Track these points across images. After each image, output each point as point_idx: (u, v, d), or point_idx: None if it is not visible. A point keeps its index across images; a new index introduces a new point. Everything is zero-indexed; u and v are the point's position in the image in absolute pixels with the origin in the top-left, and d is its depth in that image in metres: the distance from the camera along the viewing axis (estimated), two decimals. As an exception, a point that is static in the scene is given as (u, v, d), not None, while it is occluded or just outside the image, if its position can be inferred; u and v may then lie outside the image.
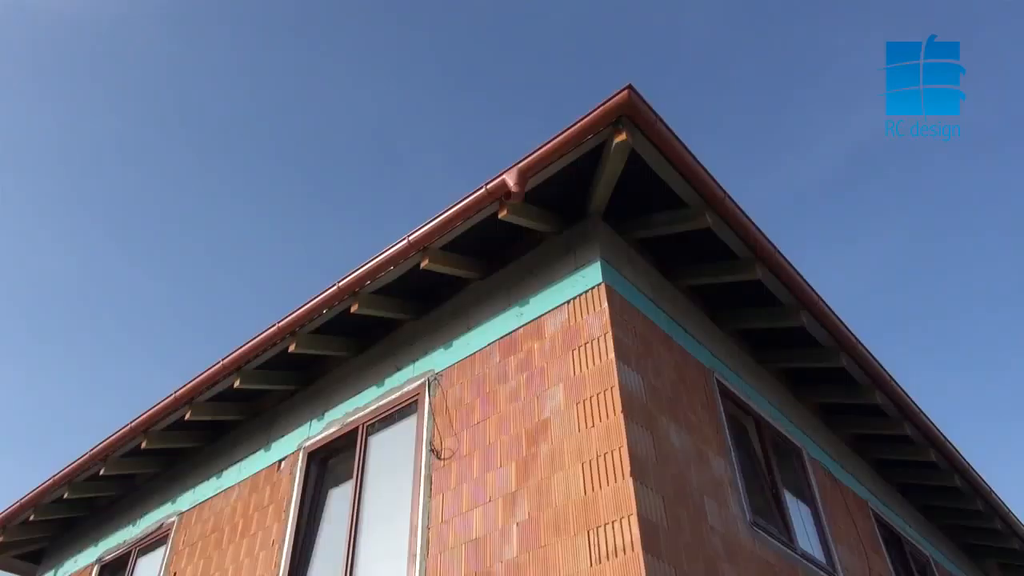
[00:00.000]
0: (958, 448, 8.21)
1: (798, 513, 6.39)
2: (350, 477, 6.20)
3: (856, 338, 6.74)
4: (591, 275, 5.32)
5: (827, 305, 6.39)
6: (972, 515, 9.32)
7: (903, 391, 7.36)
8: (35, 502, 8.51)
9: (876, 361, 6.98)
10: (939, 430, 7.91)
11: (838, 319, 6.53)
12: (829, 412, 8.01)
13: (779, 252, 5.88)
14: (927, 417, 7.71)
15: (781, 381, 7.35)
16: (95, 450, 7.87)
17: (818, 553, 6.22)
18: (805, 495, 6.69)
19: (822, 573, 6.00)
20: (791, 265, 6.00)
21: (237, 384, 6.92)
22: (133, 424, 7.54)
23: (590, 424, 4.64)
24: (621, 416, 4.51)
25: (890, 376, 7.18)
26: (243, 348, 6.74)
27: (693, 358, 5.87)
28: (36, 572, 9.56)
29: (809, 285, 6.21)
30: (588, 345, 5.00)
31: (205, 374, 7.00)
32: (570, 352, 5.09)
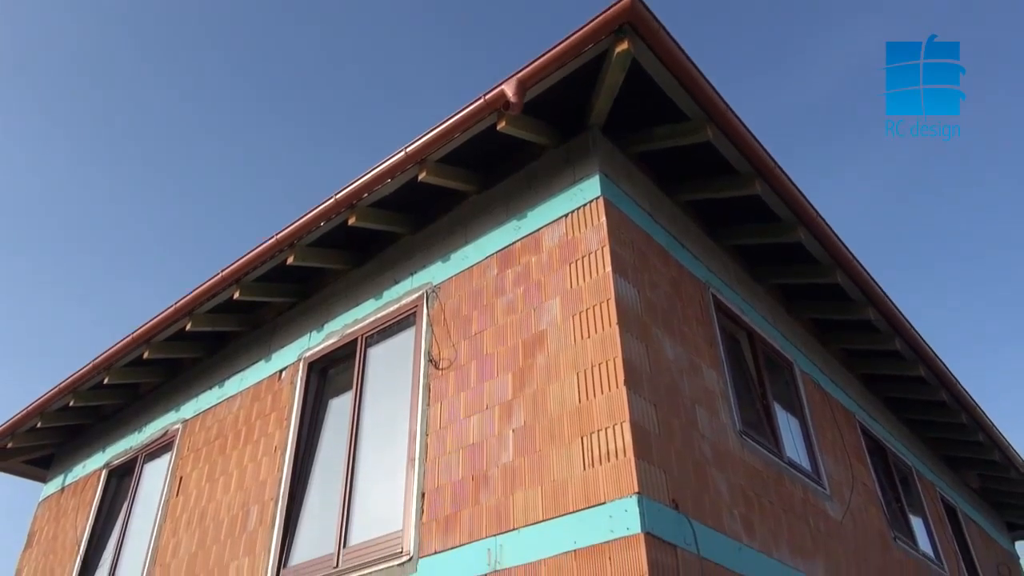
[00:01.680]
0: (946, 364, 8.38)
1: (787, 424, 6.57)
2: (350, 387, 6.34)
3: (852, 254, 6.78)
4: (589, 189, 5.30)
5: (825, 221, 6.40)
6: (956, 428, 9.59)
7: (895, 307, 7.45)
8: (41, 410, 8.70)
9: (871, 277, 7.04)
10: (929, 346, 8.05)
11: (835, 236, 6.55)
12: (821, 328, 8.12)
13: (779, 167, 5.84)
14: (918, 333, 7.84)
15: (775, 297, 7.43)
16: (98, 360, 8.00)
17: (804, 461, 6.43)
18: (794, 407, 6.87)
19: (807, 480, 6.22)
20: (791, 180, 5.98)
21: (236, 296, 6.98)
22: (134, 335, 7.64)
23: (586, 336, 4.72)
24: (616, 328, 4.58)
25: (884, 293, 7.26)
26: (242, 260, 6.77)
27: (689, 272, 5.91)
28: (46, 477, 9.86)
29: (808, 201, 6.20)
30: (585, 259, 5.03)
31: (204, 285, 7.05)
32: (567, 265, 5.12)
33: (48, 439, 9.51)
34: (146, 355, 7.70)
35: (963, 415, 9.15)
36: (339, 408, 6.45)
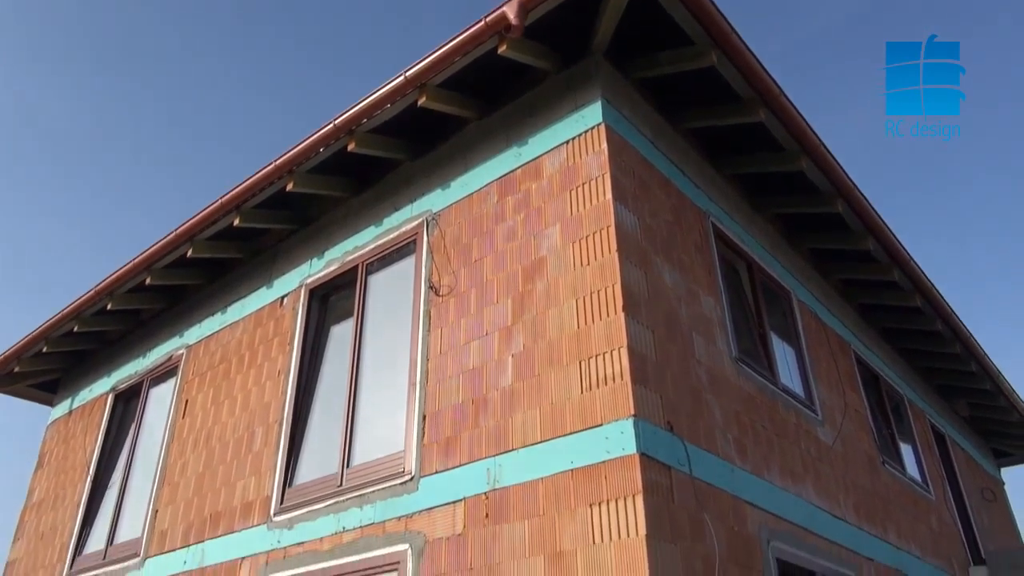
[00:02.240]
0: (943, 294, 8.44)
1: (782, 352, 6.67)
2: (351, 314, 6.40)
3: (854, 184, 6.75)
4: (591, 115, 5.24)
5: (828, 150, 6.35)
6: (949, 358, 9.72)
7: (895, 238, 7.46)
8: (46, 335, 8.80)
9: (872, 208, 7.03)
10: (926, 276, 8.09)
11: (838, 165, 6.51)
12: (820, 258, 8.15)
13: (784, 94, 5.76)
14: (916, 263, 7.87)
15: (775, 226, 7.43)
16: (101, 286, 8.05)
17: (798, 388, 6.55)
18: (790, 336, 6.95)
19: (800, 406, 6.35)
20: (795, 108, 5.91)
21: (236, 223, 6.97)
22: (136, 261, 7.67)
23: (585, 262, 4.75)
24: (616, 255, 4.60)
25: (884, 223, 7.26)
26: (241, 186, 6.74)
27: (689, 201, 5.90)
28: (53, 401, 10.04)
29: (812, 129, 6.14)
30: (585, 185, 5.02)
31: (204, 212, 7.04)
32: (567, 192, 5.11)
33: (54, 364, 9.66)
34: (148, 281, 7.75)
35: (957, 345, 9.26)
36: (340, 334, 6.53)
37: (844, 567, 5.84)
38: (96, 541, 7.74)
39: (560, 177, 5.22)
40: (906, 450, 8.81)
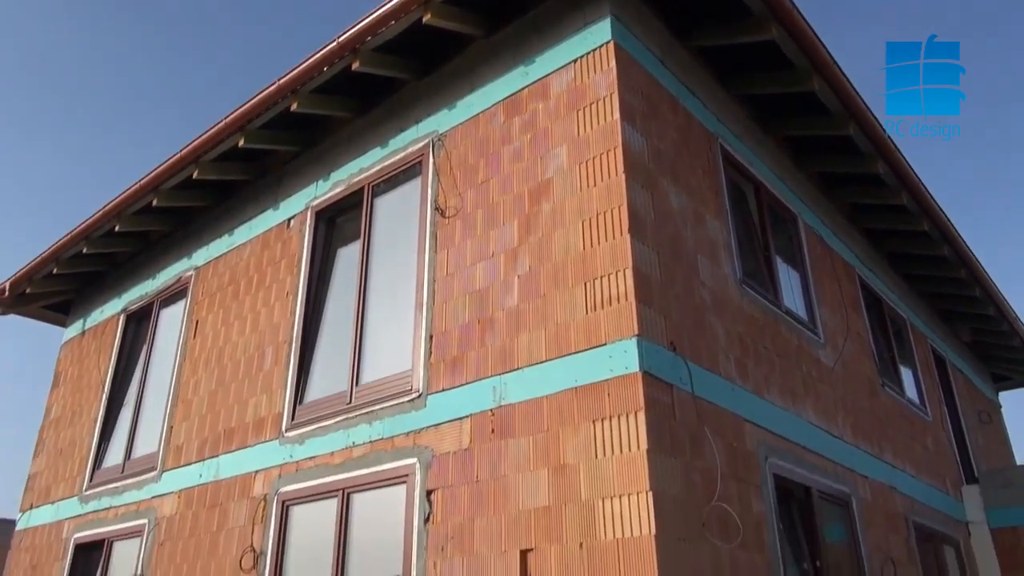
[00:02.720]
0: (950, 219, 8.40)
1: (787, 275, 6.71)
2: (358, 236, 6.43)
3: (866, 106, 6.64)
4: (599, 33, 5.14)
5: (841, 70, 6.22)
6: (954, 283, 9.74)
7: (905, 161, 7.38)
8: (56, 256, 8.87)
9: (883, 130, 6.93)
10: (935, 200, 8.04)
11: (851, 85, 6.39)
12: (828, 181, 8.09)
13: (797, 9, 5.62)
14: (925, 187, 7.81)
15: (784, 149, 7.36)
16: (108, 207, 8.07)
17: (801, 311, 6.61)
18: (795, 259, 6.97)
19: (802, 328, 6.42)
20: (808, 25, 5.76)
21: (241, 143, 6.93)
22: (142, 182, 7.67)
23: (592, 184, 4.74)
24: (623, 176, 4.59)
25: (894, 145, 7.17)
26: (245, 107, 6.68)
27: (698, 122, 5.84)
28: (66, 322, 10.20)
29: (825, 47, 6.00)
30: (593, 105, 4.96)
31: (209, 133, 6.99)
32: (575, 112, 5.05)
33: (65, 285, 9.76)
34: (155, 203, 7.76)
35: (963, 270, 9.27)
36: (348, 256, 6.58)
37: (839, 483, 6.02)
38: (114, 456, 7.99)
39: (567, 97, 5.15)
40: (906, 373, 8.94)
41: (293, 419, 6.03)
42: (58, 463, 8.76)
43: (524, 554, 4.16)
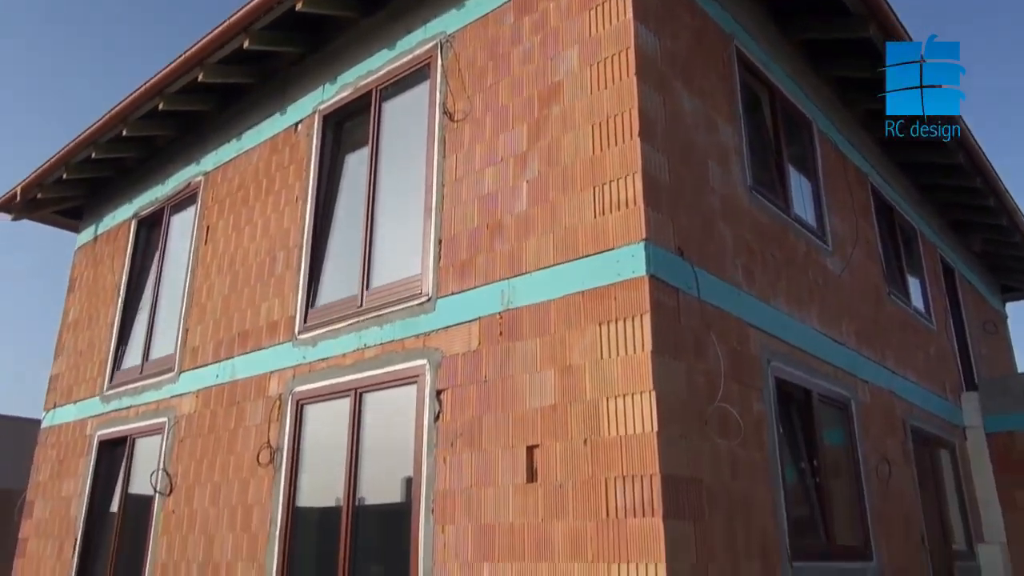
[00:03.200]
0: (969, 126, 8.24)
1: (798, 183, 6.65)
2: (366, 141, 6.39)
3: (888, 5, 6.42)
4: (613, -74, 4.93)
5: (863, -33, 5.99)
6: (967, 192, 9.63)
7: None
8: (65, 161, 8.87)
9: (904, 31, 6.72)
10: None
11: (872, -16, 6.16)
12: (844, 87, 7.89)
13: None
14: (944, 93, 7.61)
15: (800, 52, 7.16)
16: (114, 112, 8.01)
17: (811, 218, 6.59)
18: (808, 166, 6.90)
19: (811, 236, 6.42)
20: (832, -81, 5.52)
21: (246, 45, 6.80)
22: (147, 86, 7.57)
23: (603, 86, 4.66)
24: (634, 78, 4.51)
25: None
26: (249, 7, 6.52)
27: (713, 23, 5.68)
28: (78, 228, 10.28)
29: (848, -57, 5.76)
30: (605, 4, 4.82)
31: (212, 34, 6.86)
32: (586, 12, 4.92)
33: (76, 191, 9.78)
34: (161, 107, 7.68)
35: (978, 178, 9.14)
36: (356, 161, 6.55)
37: (839, 387, 6.15)
38: (132, 357, 8.21)
39: (579, -5, 5.00)
40: (913, 282, 8.97)
41: (305, 322, 6.15)
42: (78, 364, 9.01)
43: (530, 450, 4.32)
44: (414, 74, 6.09)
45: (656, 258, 4.21)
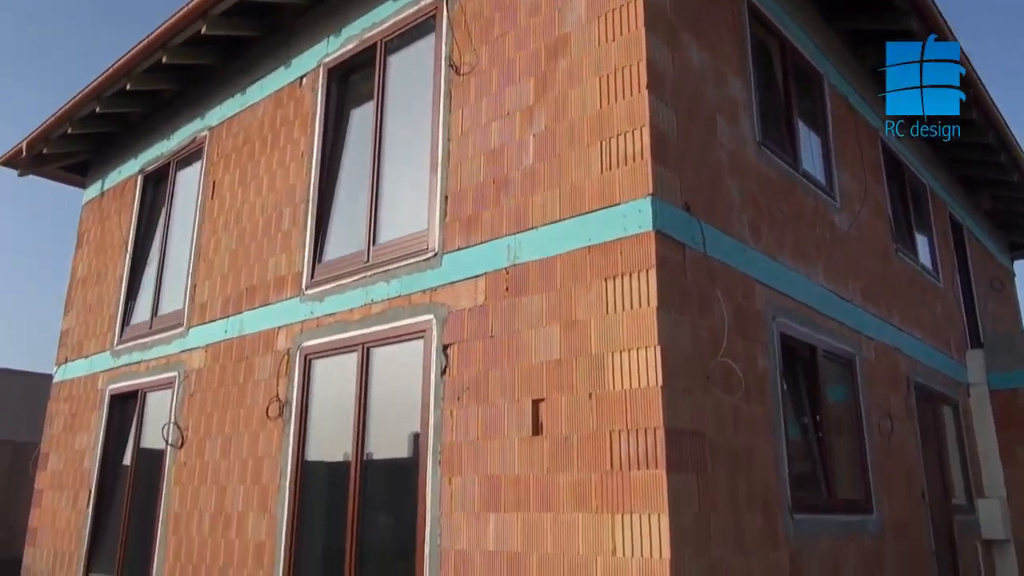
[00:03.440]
0: (984, 83, 8.11)
1: (808, 138, 6.58)
2: (371, 96, 6.33)
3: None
4: None
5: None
6: (980, 148, 9.50)
7: (941, 16, 7.04)
8: (69, 116, 8.83)
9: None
10: (970, 63, 7.73)
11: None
12: (857, 40, 7.75)
13: None
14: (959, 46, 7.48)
15: (812, 4, 7.02)
16: (117, 65, 7.94)
17: (819, 174, 6.54)
18: (818, 121, 6.82)
19: (819, 191, 6.38)
20: None
21: (249, -4, 6.71)
22: (150, 39, 7.50)
23: (610, 38, 4.60)
24: (642, 30, 4.44)
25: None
26: (250, -44, 6.42)
27: (724, -27, 5.56)
28: (84, 183, 10.27)
29: None
30: (614, -46, 4.72)
31: (215, -15, 6.76)
32: (594, -39, 4.82)
33: (81, 146, 9.76)
34: (164, 60, 7.61)
35: (991, 134, 9.02)
36: (362, 117, 6.51)
37: (844, 343, 6.17)
38: (141, 313, 8.27)
39: (587, -56, 4.90)
40: (921, 239, 8.92)
41: (312, 277, 6.18)
42: (88, 320, 9.09)
43: (536, 403, 4.37)
44: (419, 26, 6.01)
45: (662, 213, 4.20)
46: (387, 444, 5.45)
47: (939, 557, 7.07)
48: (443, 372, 4.92)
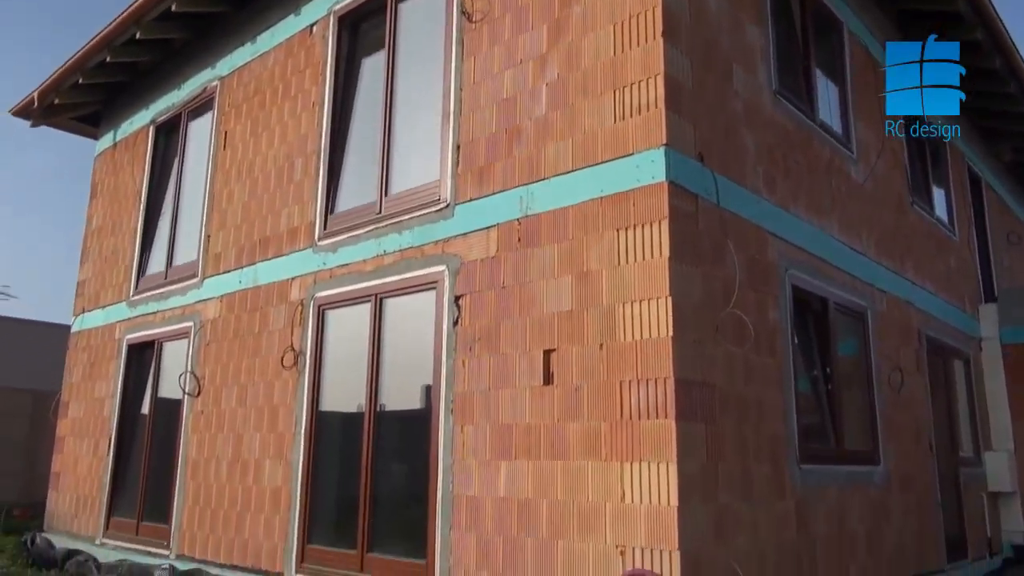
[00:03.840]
0: (1007, 27, 7.91)
1: (825, 87, 6.48)
2: (382, 45, 6.26)
3: None
4: None
5: None
6: (1001, 98, 9.30)
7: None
8: (80, 65, 8.78)
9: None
10: (993, 6, 7.54)
11: None
12: (880, -14, 7.57)
13: None
14: (984, -7, 7.29)
15: (835, -52, 6.84)
16: (126, 13, 7.88)
17: (836, 125, 6.45)
18: (836, 70, 6.70)
19: (836, 143, 6.30)
20: None
21: (258, -59, 6.60)
22: (158, -15, 7.41)
23: (625, -16, 4.50)
24: (658, -24, 4.35)
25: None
26: (258, -100, 6.29)
27: (743, -84, 5.41)
28: (96, 134, 10.26)
29: None
30: None
31: (223, -70, 6.64)
32: (610, -96, 4.70)
33: (92, 96, 9.72)
34: (174, 8, 7.52)
35: (1012, 83, 8.83)
36: (373, 66, 6.44)
37: (856, 296, 6.15)
38: (156, 264, 8.34)
39: None
40: (938, 192, 8.82)
41: (325, 228, 6.20)
42: (104, 270, 9.18)
43: (547, 353, 4.40)
44: (431, -27, 5.90)
45: (676, 164, 4.16)
46: (400, 393, 5.53)
47: (944, 508, 7.16)
48: (455, 323, 4.96)
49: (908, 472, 6.55)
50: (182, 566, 6.54)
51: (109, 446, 8.16)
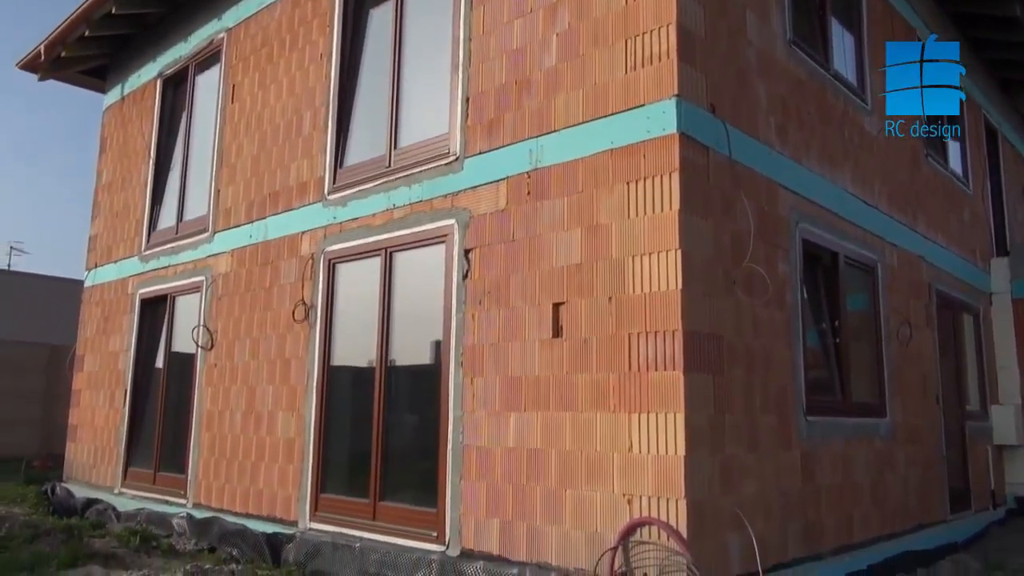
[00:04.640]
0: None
1: (841, 36, 6.36)
2: (390, -6, 6.16)
3: None
4: None
5: None
6: (1020, 47, 9.13)
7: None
8: (86, 16, 8.70)
9: None
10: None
11: None
12: (900, -69, 7.37)
13: None
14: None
15: None
16: (130, -36, 7.77)
17: (851, 76, 6.35)
18: (853, 19, 6.57)
19: (850, 94, 6.21)
20: None
21: None
22: (162, -65, 7.29)
23: (637, -70, 4.40)
24: (671, -79, 4.25)
25: None
26: None
27: None
28: (104, 88, 10.20)
29: None
30: None
31: None
32: None
33: (99, 49, 9.64)
34: (178, -42, 7.43)
35: (1032, 34, 8.65)
36: (381, 16, 6.35)
37: (867, 250, 6.13)
38: (167, 218, 8.37)
39: None
40: (953, 144, 8.70)
41: (335, 182, 6.19)
42: (115, 225, 9.22)
43: (556, 306, 4.43)
44: (439, -80, 5.78)
45: (687, 115, 4.12)
46: (410, 346, 5.58)
47: (949, 461, 7.22)
48: (465, 276, 4.98)
49: (914, 425, 6.59)
50: (199, 515, 6.70)
51: (125, 399, 8.29)
